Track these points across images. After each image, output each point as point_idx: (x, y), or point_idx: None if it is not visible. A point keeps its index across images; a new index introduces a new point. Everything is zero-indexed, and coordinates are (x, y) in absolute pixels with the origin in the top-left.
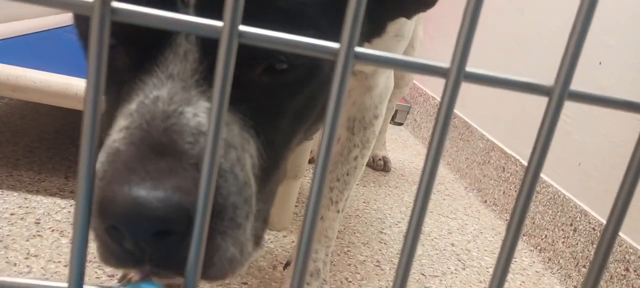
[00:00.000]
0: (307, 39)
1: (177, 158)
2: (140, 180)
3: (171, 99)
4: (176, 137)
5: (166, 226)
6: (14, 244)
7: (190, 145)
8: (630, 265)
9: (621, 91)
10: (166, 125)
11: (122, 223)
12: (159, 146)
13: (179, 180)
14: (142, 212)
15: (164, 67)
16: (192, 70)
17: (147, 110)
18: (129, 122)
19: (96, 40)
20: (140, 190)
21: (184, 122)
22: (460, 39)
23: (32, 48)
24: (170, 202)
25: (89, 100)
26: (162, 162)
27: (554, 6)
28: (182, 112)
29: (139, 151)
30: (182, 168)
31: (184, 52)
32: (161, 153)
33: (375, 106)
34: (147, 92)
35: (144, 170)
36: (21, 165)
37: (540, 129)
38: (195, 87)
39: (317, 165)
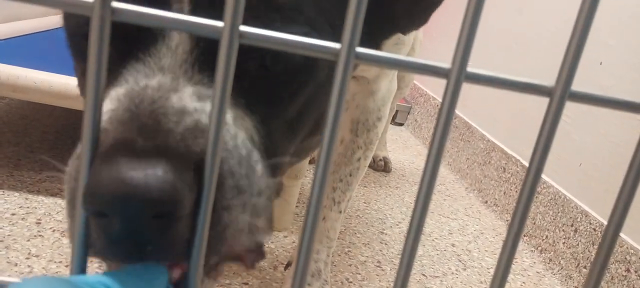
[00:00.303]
0: (308, 39)
1: (163, 136)
2: (129, 161)
3: (159, 87)
4: (161, 117)
5: (161, 207)
6: (15, 244)
7: (174, 123)
8: (631, 266)
9: (622, 91)
10: (152, 108)
11: (113, 207)
12: (146, 127)
13: (168, 158)
14: (133, 192)
15: (157, 58)
16: (181, 61)
17: (136, 95)
18: (116, 105)
19: (96, 41)
20: (130, 170)
21: (168, 105)
22: (461, 40)
23: (33, 48)
24: (163, 181)
25: (90, 100)
26: (150, 141)
27: (553, 6)
28: (168, 98)
29: (126, 130)
30: (170, 146)
31: (175, 44)
32: (148, 133)
33: (378, 109)
34: (138, 79)
35: (131, 150)
36: (22, 165)
37: (541, 130)
38: (183, 77)
39: (318, 166)
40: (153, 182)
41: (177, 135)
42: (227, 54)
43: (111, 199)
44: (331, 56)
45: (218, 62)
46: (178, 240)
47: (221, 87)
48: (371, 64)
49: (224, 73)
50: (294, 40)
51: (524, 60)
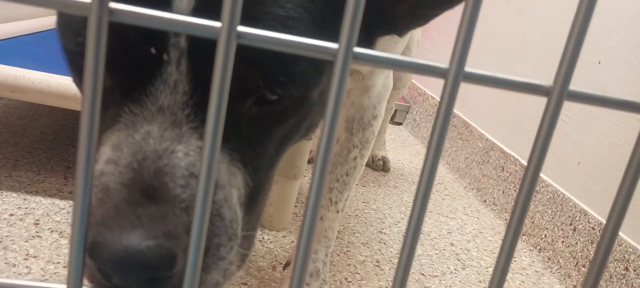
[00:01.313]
0: (305, 39)
1: (168, 202)
2: (132, 227)
3: (162, 136)
4: (167, 180)
5: (157, 272)
6: (13, 245)
7: (181, 188)
8: (629, 265)
9: (620, 91)
10: (157, 166)
11: (113, 270)
12: (149, 189)
13: (169, 227)
14: (133, 260)
15: (154, 98)
16: (183, 103)
17: (139, 149)
18: (117, 156)
19: (94, 41)
20: (131, 237)
21: (175, 162)
22: (459, 40)
23: (31, 48)
24: (162, 251)
25: (87, 102)
26: (153, 207)
27: (553, 7)
28: (173, 151)
29: (130, 194)
30: (173, 214)
31: (174, 82)
32: (152, 197)
33: (374, 106)
34: (138, 126)
35: (135, 216)
36: (20, 166)
37: (539, 129)
38: (186, 123)
39: (316, 165)
40: (153, 253)
41: (182, 203)
42: (224, 54)
43: (114, 263)
44: (329, 56)
45: (215, 65)
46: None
47: (218, 91)
48: (369, 65)
49: (221, 75)
50: (291, 40)
51: (524, 61)
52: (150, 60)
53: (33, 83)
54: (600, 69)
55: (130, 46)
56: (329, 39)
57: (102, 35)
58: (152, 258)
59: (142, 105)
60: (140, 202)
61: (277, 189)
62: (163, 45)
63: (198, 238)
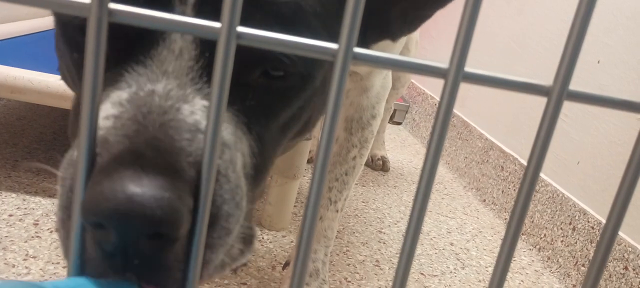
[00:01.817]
0: (305, 39)
1: (174, 155)
2: (136, 176)
3: (167, 95)
4: (173, 133)
5: (161, 229)
6: (12, 246)
7: (187, 141)
8: (629, 264)
9: (620, 90)
10: (163, 120)
11: (113, 222)
12: (155, 141)
13: (176, 180)
14: (137, 210)
15: (159, 62)
16: (188, 68)
17: (143, 103)
18: (119, 111)
19: (93, 42)
20: (135, 186)
21: (180, 118)
22: (458, 40)
23: (30, 49)
24: (168, 203)
25: (86, 102)
26: (159, 159)
27: (553, 7)
28: (179, 109)
29: (133, 144)
30: (180, 167)
31: (179, 49)
32: (157, 149)
33: (373, 106)
34: (142, 84)
35: (139, 165)
36: (20, 166)
37: (539, 129)
38: (191, 85)
39: (316, 165)
40: (157, 202)
41: (189, 157)
42: (224, 54)
43: (112, 212)
44: (329, 57)
45: (215, 64)
46: (168, 265)
47: (219, 87)
48: (369, 65)
49: (221, 74)
50: (291, 40)
51: (524, 61)
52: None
53: (32, 83)
54: (599, 68)
55: None
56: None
57: (102, 36)
58: (157, 209)
59: (146, 66)
60: (144, 152)
61: (277, 189)
62: (169, 12)
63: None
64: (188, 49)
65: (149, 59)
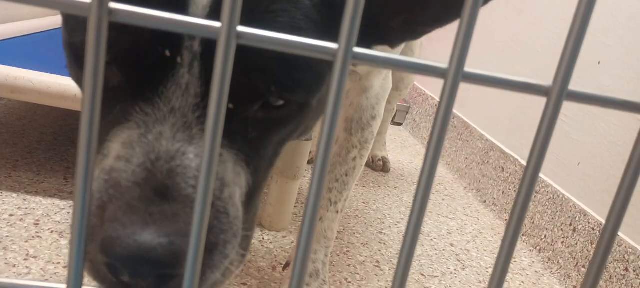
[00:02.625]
0: (305, 39)
1: (179, 202)
2: (145, 225)
3: (174, 137)
4: (179, 180)
5: (168, 270)
6: (13, 245)
7: (192, 189)
8: (629, 265)
9: (620, 91)
10: (170, 166)
11: (126, 266)
12: (162, 189)
13: (180, 225)
14: (146, 257)
15: (166, 99)
16: (194, 105)
17: (152, 149)
18: (129, 154)
19: (93, 42)
20: (144, 235)
21: (186, 163)
22: (458, 40)
23: (30, 49)
24: (173, 249)
25: (87, 104)
26: (166, 206)
27: (553, 7)
28: (185, 152)
29: (143, 192)
30: (184, 213)
31: (186, 84)
32: (165, 196)
33: (372, 107)
34: (150, 126)
35: (148, 214)
36: (20, 166)
37: (538, 129)
38: (196, 125)
39: (315, 166)
40: (166, 251)
41: (193, 203)
42: (224, 54)
43: (126, 259)
44: (329, 56)
45: (215, 65)
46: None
47: (218, 89)
48: (369, 65)
49: (221, 76)
50: (291, 40)
51: (524, 61)
52: (163, 61)
53: (32, 83)
54: (599, 69)
55: (145, 46)
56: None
57: (102, 36)
58: (164, 255)
59: (154, 105)
60: (153, 200)
61: (277, 189)
62: (177, 48)
63: (198, 234)
64: (194, 85)
65: (157, 96)
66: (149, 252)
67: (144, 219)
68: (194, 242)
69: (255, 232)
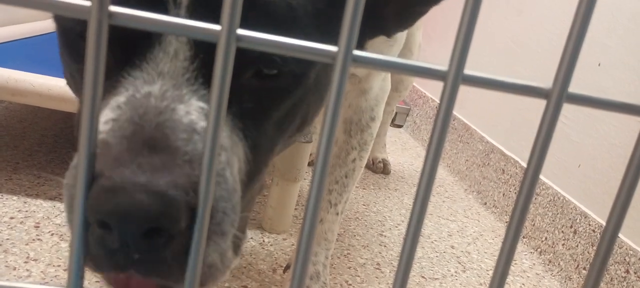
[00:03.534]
0: (305, 42)
1: (170, 154)
2: (133, 175)
3: (163, 95)
4: (169, 132)
5: (160, 223)
6: (13, 248)
7: (183, 141)
8: (630, 267)
9: (621, 92)
10: (159, 120)
11: (114, 219)
12: (151, 141)
13: (172, 176)
14: (136, 207)
15: (154, 64)
16: (183, 68)
17: (140, 104)
18: (117, 114)
19: (93, 45)
20: (134, 185)
21: (176, 118)
22: (458, 42)
23: (31, 51)
24: (165, 199)
25: (87, 104)
26: (156, 157)
27: (552, 8)
28: (175, 109)
29: (131, 144)
30: (176, 165)
31: (174, 50)
32: (154, 148)
33: (371, 108)
34: (138, 86)
35: (136, 165)
36: (21, 169)
37: (538, 131)
38: (186, 86)
39: (315, 168)
40: (155, 198)
41: (185, 155)
42: (224, 57)
43: (113, 209)
44: (328, 59)
45: (215, 67)
46: (168, 260)
47: (218, 90)
48: (368, 67)
49: (221, 77)
50: (290, 43)
51: (524, 63)
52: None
53: (33, 86)
54: (600, 70)
55: None
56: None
57: (102, 38)
58: (155, 205)
59: (142, 69)
60: (142, 152)
61: (278, 192)
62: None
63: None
64: (183, 50)
65: (145, 62)
66: (139, 202)
67: (131, 171)
68: (202, 201)
69: (256, 234)
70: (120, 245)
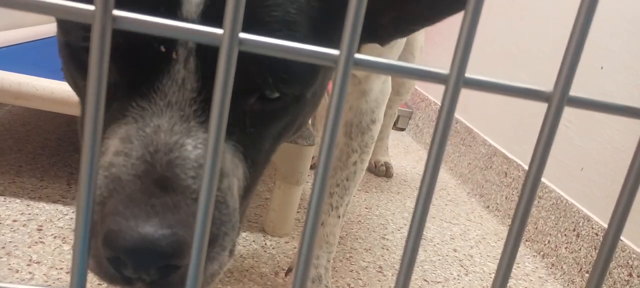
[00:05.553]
0: (306, 46)
1: (180, 193)
2: (147, 217)
3: (172, 129)
4: (179, 171)
5: (171, 261)
6: (16, 251)
7: (192, 179)
8: (633, 271)
9: (624, 96)
10: (169, 158)
11: (129, 258)
12: (162, 180)
13: (182, 216)
14: (149, 248)
15: (162, 94)
16: (190, 99)
17: (150, 141)
18: (128, 148)
19: (97, 49)
20: (147, 226)
21: (185, 155)
22: (459, 45)
23: (34, 55)
24: (176, 239)
25: (90, 110)
26: (167, 197)
27: (554, 12)
28: (183, 144)
29: (144, 185)
30: (185, 204)
31: (182, 79)
32: (165, 188)
33: (372, 111)
34: (147, 120)
35: (149, 206)
36: (24, 172)
37: (540, 135)
38: (194, 118)
39: (317, 171)
40: (168, 242)
41: (193, 194)
42: (226, 61)
43: (129, 252)
44: (330, 63)
45: (217, 71)
46: (174, 282)
47: (220, 96)
48: (370, 71)
49: (223, 82)
50: (293, 46)
51: (526, 66)
52: (159, 57)
53: (36, 90)
54: (603, 74)
55: (140, 43)
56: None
57: (106, 42)
58: (167, 246)
59: (150, 100)
60: (154, 192)
61: (280, 195)
62: (172, 44)
63: (203, 224)
64: (190, 80)
65: (153, 92)
66: (153, 244)
67: (145, 211)
68: (199, 233)
69: (258, 238)
70: (132, 273)
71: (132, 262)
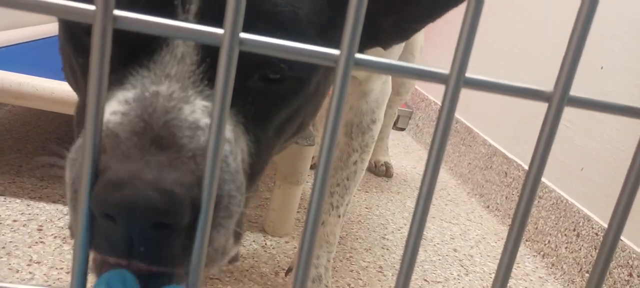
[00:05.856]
0: (307, 45)
1: (176, 151)
2: (142, 171)
3: (170, 96)
4: (175, 130)
5: (165, 219)
6: (16, 251)
7: (188, 138)
8: (633, 271)
9: (624, 96)
10: (166, 119)
11: (121, 213)
12: (159, 138)
13: (178, 174)
14: (143, 202)
15: (161, 66)
16: (189, 72)
17: (149, 103)
18: (126, 109)
19: (98, 48)
20: (142, 181)
21: (182, 117)
22: (459, 45)
23: (35, 55)
24: (171, 195)
25: (91, 109)
26: (163, 155)
27: (554, 12)
28: (181, 108)
29: (141, 141)
30: (181, 162)
31: (181, 54)
32: (161, 146)
33: (372, 111)
34: (146, 85)
35: (145, 162)
36: (24, 171)
37: (540, 135)
38: (192, 88)
39: (317, 171)
40: (162, 196)
41: (189, 152)
42: (227, 60)
43: (121, 204)
44: (331, 62)
45: (218, 70)
46: (172, 252)
47: (221, 95)
48: (370, 70)
49: (224, 80)
50: (293, 46)
51: (526, 66)
52: None
53: (37, 89)
54: (603, 74)
55: None
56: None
57: (107, 42)
58: (162, 202)
59: (149, 69)
60: (150, 149)
61: (280, 195)
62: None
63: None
64: (190, 54)
65: (152, 63)
66: (146, 199)
67: (140, 167)
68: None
69: (258, 237)
70: (125, 237)
71: (124, 218)
